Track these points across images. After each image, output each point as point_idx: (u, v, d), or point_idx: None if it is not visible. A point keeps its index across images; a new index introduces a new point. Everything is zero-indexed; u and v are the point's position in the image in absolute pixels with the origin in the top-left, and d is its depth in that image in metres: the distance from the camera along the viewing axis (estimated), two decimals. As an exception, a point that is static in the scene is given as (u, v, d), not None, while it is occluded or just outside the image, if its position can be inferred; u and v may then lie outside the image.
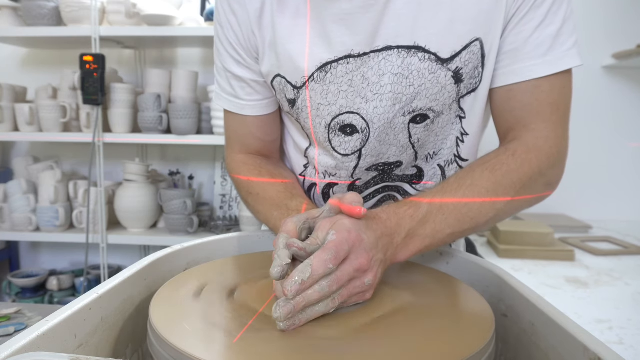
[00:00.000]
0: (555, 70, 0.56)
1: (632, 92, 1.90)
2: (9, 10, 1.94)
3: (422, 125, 0.62)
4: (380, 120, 0.61)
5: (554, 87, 0.57)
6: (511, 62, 0.58)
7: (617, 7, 1.86)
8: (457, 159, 0.66)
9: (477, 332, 0.41)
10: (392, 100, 0.60)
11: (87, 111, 1.88)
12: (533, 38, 0.56)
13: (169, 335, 0.39)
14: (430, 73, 0.58)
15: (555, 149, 0.59)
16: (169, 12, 1.83)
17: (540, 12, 0.55)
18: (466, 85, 0.60)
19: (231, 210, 2.13)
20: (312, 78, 0.61)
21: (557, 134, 0.59)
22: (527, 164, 0.56)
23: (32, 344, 0.36)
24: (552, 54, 0.56)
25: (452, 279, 0.55)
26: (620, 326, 0.94)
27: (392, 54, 0.58)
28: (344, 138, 0.65)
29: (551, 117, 0.58)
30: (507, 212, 0.58)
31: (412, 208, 0.52)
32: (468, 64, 0.58)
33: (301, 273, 0.41)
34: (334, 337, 0.40)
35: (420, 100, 0.60)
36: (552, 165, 0.59)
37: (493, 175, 0.55)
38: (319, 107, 0.63)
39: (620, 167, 1.93)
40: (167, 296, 0.48)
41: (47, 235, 1.96)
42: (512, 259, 1.39)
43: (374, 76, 0.59)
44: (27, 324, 0.72)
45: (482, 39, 0.57)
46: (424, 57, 0.58)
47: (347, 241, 0.44)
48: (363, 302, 0.46)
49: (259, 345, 0.39)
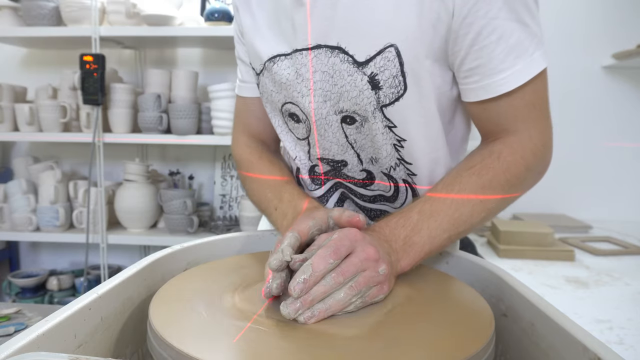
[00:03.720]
0: (524, 79, 0.55)
1: (632, 92, 1.90)
2: (9, 10, 1.94)
3: (353, 127, 0.63)
4: (316, 114, 0.64)
5: (526, 91, 0.57)
6: (480, 78, 0.57)
7: (617, 7, 1.86)
8: (402, 162, 0.65)
9: (477, 332, 0.41)
10: (322, 97, 0.62)
11: (87, 111, 1.88)
12: (497, 52, 0.54)
13: (168, 336, 0.39)
14: (349, 75, 0.59)
15: (540, 143, 0.59)
16: (169, 12, 1.83)
17: (498, 23, 0.53)
18: (386, 94, 0.58)
19: (231, 210, 2.13)
20: (264, 67, 0.66)
21: (539, 129, 0.59)
22: (513, 165, 0.57)
23: (32, 344, 0.36)
24: (519, 62, 0.55)
25: (452, 278, 0.55)
26: (620, 326, 0.94)
27: (321, 52, 0.60)
28: (294, 124, 0.69)
29: (530, 116, 0.58)
30: (500, 208, 0.59)
31: (402, 218, 0.55)
32: (384, 70, 0.57)
33: (303, 273, 0.43)
34: (333, 337, 0.40)
35: (344, 102, 0.61)
36: (540, 158, 0.59)
37: (480, 179, 0.56)
38: (271, 94, 0.68)
39: (621, 167, 1.93)
40: (167, 296, 0.48)
41: (47, 235, 1.95)
42: (512, 259, 1.39)
43: (306, 72, 0.62)
44: (27, 324, 0.72)
45: (398, 46, 0.55)
46: (344, 59, 0.58)
47: (347, 237, 0.46)
48: (383, 296, 0.47)
49: (259, 345, 0.39)
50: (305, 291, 0.43)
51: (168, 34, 1.83)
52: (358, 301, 0.45)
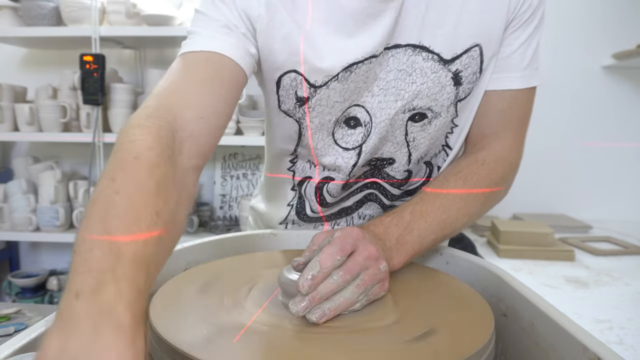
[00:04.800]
0: (529, 84, 0.63)
1: (632, 92, 1.90)
2: (9, 10, 1.94)
3: (419, 124, 0.64)
4: (382, 115, 0.63)
5: (526, 100, 0.64)
6: (496, 69, 0.63)
7: (617, 7, 1.86)
8: (444, 148, 0.69)
9: (476, 332, 0.41)
10: (394, 95, 0.62)
11: (87, 111, 1.88)
12: (517, 53, 0.62)
13: (168, 336, 0.39)
14: (433, 72, 0.61)
15: (516, 157, 0.66)
16: (169, 12, 1.82)
17: (528, 31, 0.61)
18: (464, 89, 0.63)
19: (231, 210, 2.13)
20: (336, 78, 0.60)
21: (518, 144, 0.66)
22: (494, 172, 0.62)
23: (32, 344, 0.36)
24: (528, 70, 0.63)
25: (452, 278, 0.55)
26: (620, 326, 0.94)
27: (400, 51, 0.60)
28: (347, 131, 0.65)
29: (518, 128, 0.65)
30: (478, 214, 0.63)
31: (395, 218, 0.57)
32: (467, 67, 0.61)
33: (311, 269, 0.43)
34: (333, 337, 0.40)
35: (420, 99, 0.62)
36: (512, 170, 0.66)
37: (465, 184, 0.60)
38: (334, 105, 0.62)
39: (621, 167, 1.93)
40: (167, 296, 0.48)
41: (47, 235, 1.95)
42: (512, 259, 1.39)
43: (382, 72, 0.61)
44: (27, 324, 0.72)
45: (482, 46, 0.60)
46: (428, 57, 0.60)
47: (350, 235, 0.46)
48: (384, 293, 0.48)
49: (258, 345, 0.39)
50: (314, 287, 0.43)
51: (168, 34, 1.82)
52: (364, 299, 0.46)
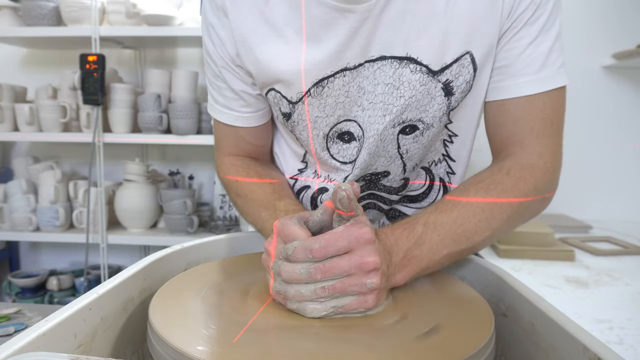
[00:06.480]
0: (545, 88, 0.56)
1: (632, 92, 1.90)
2: (9, 10, 1.94)
3: (410, 136, 0.61)
4: (372, 129, 0.60)
5: (546, 103, 0.57)
6: (503, 77, 0.58)
7: (617, 7, 1.86)
8: (446, 158, 0.66)
9: (476, 332, 0.41)
10: (382, 110, 0.59)
11: (87, 111, 1.88)
12: (525, 55, 0.56)
13: (168, 336, 0.39)
14: (421, 85, 0.58)
15: (549, 165, 0.58)
16: (169, 12, 1.83)
17: (534, 29, 0.56)
18: (457, 99, 0.60)
19: (231, 210, 2.12)
20: (308, 93, 0.60)
21: (551, 149, 0.58)
22: (521, 182, 0.55)
23: (32, 344, 0.36)
24: (544, 71, 0.56)
25: (452, 278, 0.55)
26: (620, 326, 0.94)
27: (385, 64, 0.57)
28: (342, 145, 0.64)
29: (544, 132, 0.58)
30: (504, 230, 0.56)
31: (407, 229, 0.52)
32: (458, 76, 0.58)
33: (290, 246, 0.44)
34: (332, 337, 0.40)
35: (410, 112, 0.59)
36: (548, 181, 0.58)
37: (488, 194, 0.54)
38: (317, 120, 0.62)
39: (621, 167, 1.93)
40: (167, 296, 0.48)
41: (47, 235, 1.95)
42: (512, 259, 1.39)
43: (369, 85, 0.59)
44: (27, 324, 0.72)
45: (473, 52, 0.56)
46: (416, 69, 0.57)
47: (346, 238, 0.43)
48: (365, 310, 0.44)
49: (258, 345, 0.39)
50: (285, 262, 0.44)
51: (168, 34, 1.83)
52: (331, 309, 0.43)
